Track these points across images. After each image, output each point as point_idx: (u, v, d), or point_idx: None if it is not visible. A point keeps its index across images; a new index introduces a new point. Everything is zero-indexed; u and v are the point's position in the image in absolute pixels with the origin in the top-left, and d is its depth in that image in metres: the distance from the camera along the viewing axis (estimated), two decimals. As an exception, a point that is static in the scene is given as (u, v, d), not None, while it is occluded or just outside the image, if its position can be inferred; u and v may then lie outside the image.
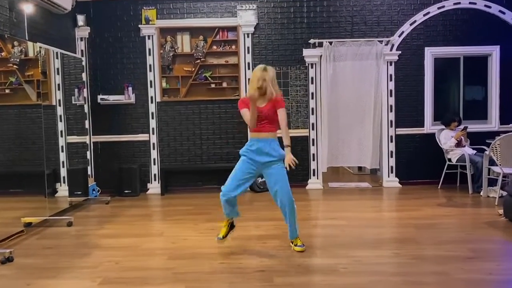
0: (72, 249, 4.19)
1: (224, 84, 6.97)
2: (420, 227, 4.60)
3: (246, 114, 3.85)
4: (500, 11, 6.84)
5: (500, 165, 5.53)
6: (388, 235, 4.49)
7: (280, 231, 4.46)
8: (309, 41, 6.85)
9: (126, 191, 6.71)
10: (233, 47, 6.94)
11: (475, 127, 6.83)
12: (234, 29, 6.90)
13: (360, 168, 8.36)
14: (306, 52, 6.86)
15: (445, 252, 3.79)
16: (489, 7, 6.84)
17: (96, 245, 4.27)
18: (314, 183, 6.99)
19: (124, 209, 5.80)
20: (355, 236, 4.33)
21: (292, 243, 3.97)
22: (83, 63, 6.80)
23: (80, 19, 6.72)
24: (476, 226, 4.60)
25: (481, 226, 4.60)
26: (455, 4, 6.82)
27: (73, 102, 6.65)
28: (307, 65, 6.90)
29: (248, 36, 6.90)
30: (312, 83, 6.91)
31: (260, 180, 6.76)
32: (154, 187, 6.94)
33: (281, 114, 3.85)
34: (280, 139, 3.88)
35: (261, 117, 3.81)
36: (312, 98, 6.93)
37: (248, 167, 3.89)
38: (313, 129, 6.95)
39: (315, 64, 6.89)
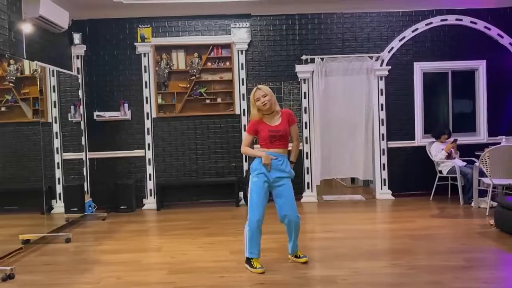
0: (72, 265, 4.22)
1: (219, 100, 7.08)
2: (415, 238, 4.70)
3: (247, 141, 3.93)
4: (485, 27, 7.07)
5: (490, 176, 5.68)
6: (384, 246, 4.58)
7: (278, 244, 4.53)
8: (301, 57, 7.00)
9: (122, 207, 6.73)
10: (227, 63, 7.06)
11: (464, 139, 7.00)
12: (228, 46, 7.04)
13: (353, 181, 8.49)
14: (298, 68, 7.01)
15: (440, 262, 3.89)
16: (475, 23, 7.07)
17: (96, 260, 4.30)
18: (309, 196, 7.08)
19: (121, 225, 5.83)
20: (352, 248, 4.42)
21: (295, 257, 4.03)
22: (79, 80, 6.86)
23: (76, 37, 6.80)
24: (469, 236, 4.71)
25: (474, 236, 4.72)
26: (442, 20, 7.04)
27: (69, 119, 6.69)
28: (299, 80, 7.05)
29: (242, 53, 7.03)
30: (304, 98, 7.05)
31: (255, 194, 6.82)
32: (150, 202, 6.97)
33: (295, 130, 4.02)
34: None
35: (277, 137, 3.81)
36: (305, 112, 7.06)
37: (266, 186, 3.83)
38: (306, 142, 7.07)
39: (308, 79, 7.04)
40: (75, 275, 3.90)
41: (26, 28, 5.43)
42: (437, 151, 6.71)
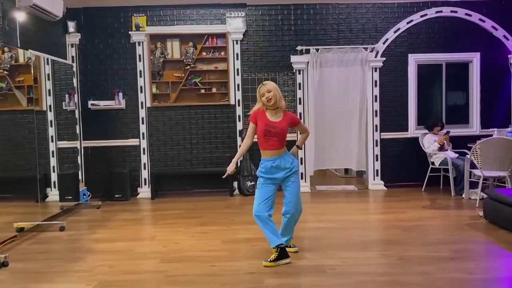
0: (65, 253, 4.27)
1: (214, 90, 7.09)
2: (405, 229, 4.77)
3: (250, 131, 3.89)
4: (480, 19, 7.08)
5: (481, 168, 5.74)
6: (375, 237, 4.65)
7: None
8: (296, 48, 7.00)
9: (116, 196, 6.77)
10: (222, 53, 7.06)
11: (457, 131, 7.06)
12: (223, 36, 7.03)
13: (346, 171, 8.55)
14: (293, 58, 7.02)
15: (429, 253, 3.96)
16: (470, 15, 7.07)
17: (89, 249, 4.35)
18: (303, 187, 7.03)
19: (115, 214, 5.88)
20: (343, 238, 4.48)
21: (286, 247, 4.07)
22: (74, 69, 6.85)
23: (71, 25, 6.78)
24: (459, 228, 4.78)
25: (463, 227, 4.79)
26: (437, 12, 7.04)
27: (63, 108, 6.70)
28: (294, 71, 7.06)
29: (237, 43, 7.02)
30: (299, 88, 7.07)
31: (249, 183, 6.89)
32: (144, 191, 7.01)
33: (302, 127, 4.14)
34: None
35: (272, 133, 3.77)
36: (300, 103, 7.08)
37: (269, 189, 3.85)
38: (300, 133, 7.08)
39: (303, 70, 7.05)
40: (68, 263, 3.95)
41: (20, 16, 5.40)
42: (429, 142, 6.76)
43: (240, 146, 6.74)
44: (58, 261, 4.00)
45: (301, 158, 7.11)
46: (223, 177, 4.01)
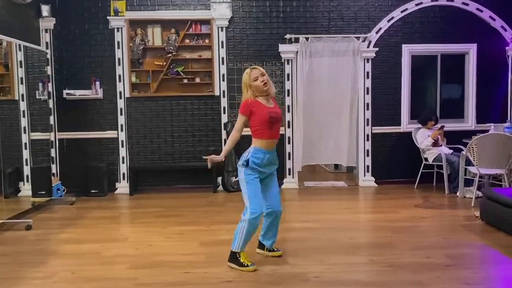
0: (27, 256, 3.90)
1: (197, 80, 6.71)
2: (396, 230, 4.45)
3: (239, 124, 3.40)
4: (477, 8, 6.76)
5: (477, 165, 5.44)
6: (364, 239, 4.33)
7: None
8: (285, 36, 6.64)
9: (92, 191, 6.41)
10: (207, 41, 6.68)
11: (451, 126, 6.76)
12: (207, 22, 6.64)
13: (336, 166, 8.23)
14: (282, 47, 6.65)
15: (422, 258, 3.65)
16: (467, 4, 6.75)
17: (54, 251, 3.99)
18: (290, 183, 6.81)
19: (89, 211, 5.51)
20: (330, 241, 4.16)
21: (268, 251, 3.74)
22: (48, 56, 6.45)
23: (45, 9, 6.35)
24: (453, 230, 4.48)
25: (458, 229, 4.49)
26: (433, 1, 6.71)
27: (37, 97, 6.32)
28: (283, 61, 6.69)
29: (222, 30, 6.64)
30: (288, 79, 6.72)
31: (234, 179, 6.55)
32: (123, 186, 6.64)
33: None
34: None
35: (277, 119, 3.43)
36: (288, 95, 6.73)
37: (259, 185, 3.44)
38: (288, 127, 6.76)
39: (291, 60, 6.70)
40: (26, 268, 3.58)
41: (-16, -3, 4.97)
42: (423, 137, 6.46)
43: (225, 140, 6.41)
44: (15, 266, 3.63)
45: (289, 153, 6.78)
46: (209, 167, 3.57)
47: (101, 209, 5.63)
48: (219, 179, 6.66)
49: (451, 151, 6.41)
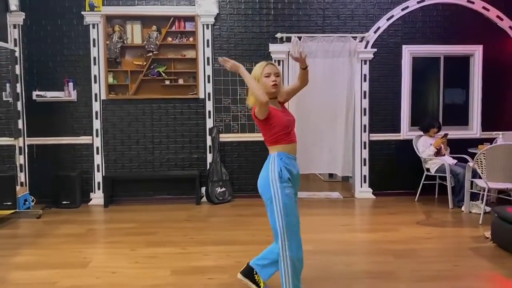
0: (-32, 286, 3.34)
1: (180, 81, 6.18)
2: (398, 254, 3.92)
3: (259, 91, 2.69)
4: (483, 7, 6.27)
5: (485, 179, 4.92)
6: (362, 265, 3.78)
7: (232, 261, 3.72)
8: (276, 35, 6.12)
9: (64, 202, 5.85)
10: (191, 39, 6.15)
11: (455, 133, 6.25)
12: (192, 19, 6.11)
13: (331, 175, 7.70)
14: (272, 47, 6.13)
15: (428, 293, 3.12)
16: (472, 2, 6.26)
17: (1, 280, 3.43)
18: (280, 194, 6.26)
19: (55, 226, 4.95)
20: (321, 269, 3.62)
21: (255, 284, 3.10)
22: (16, 54, 5.92)
23: (13, 3, 5.82)
24: (461, 254, 3.95)
25: (467, 253, 3.96)
26: (436, -2, 6.21)
27: (4, 99, 5.83)
28: (273, 61, 6.15)
29: (207, 28, 6.11)
30: (278, 82, 6.17)
31: (219, 190, 6.01)
32: (98, 197, 6.08)
33: (288, 86, 3.20)
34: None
35: (293, 123, 2.93)
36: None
37: (296, 206, 2.85)
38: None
39: (282, 60, 6.18)
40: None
41: None
42: (425, 146, 5.95)
43: (210, 147, 5.94)
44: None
45: (279, 161, 6.23)
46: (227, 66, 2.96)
47: (69, 224, 5.07)
48: (203, 189, 6.12)
49: (455, 161, 5.90)
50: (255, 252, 3.20)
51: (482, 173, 4.97)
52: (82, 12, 5.97)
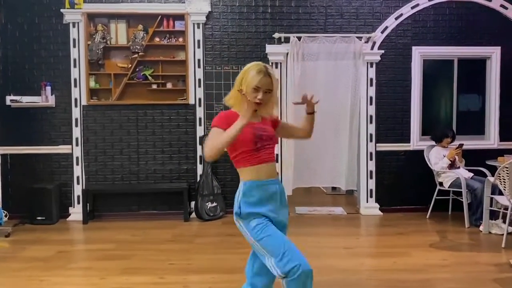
0: None
1: (169, 85, 5.66)
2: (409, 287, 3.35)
3: (220, 137, 2.17)
4: (501, 5, 5.74)
5: (509, 196, 4.34)
6: (366, 301, 3.22)
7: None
8: (273, 36, 5.60)
9: (38, 218, 5.32)
10: (180, 39, 5.64)
11: (470, 143, 5.69)
12: (181, 17, 5.60)
13: (334, 188, 7.12)
14: (269, 48, 5.61)
15: None
16: (489, 0, 5.71)
17: None
18: (277, 209, 5.70)
19: (23, 247, 4.42)
20: (320, 305, 3.05)
21: None
22: (-11, 55, 5.42)
23: (-14, -1, 5.32)
24: (483, 285, 3.37)
25: (490, 284, 3.38)
26: (449, -5, 5.68)
27: (-25, 104, 5.30)
28: (270, 64, 5.62)
29: (198, 27, 5.61)
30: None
31: (209, 205, 5.46)
32: (77, 212, 5.54)
33: (290, 124, 2.68)
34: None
35: (265, 138, 2.31)
36: (276, 104, 5.64)
37: (274, 228, 2.22)
38: (276, 143, 5.65)
39: (280, 63, 5.65)
40: None
41: None
42: (437, 157, 5.38)
43: (201, 157, 5.41)
44: None
45: (277, 173, 5.67)
46: None
47: (39, 244, 4.53)
48: (193, 203, 5.57)
49: (471, 174, 5.33)
50: (241, 283, 2.62)
51: (504, 189, 4.38)
52: (62, 10, 5.48)
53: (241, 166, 2.29)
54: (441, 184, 5.41)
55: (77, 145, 5.59)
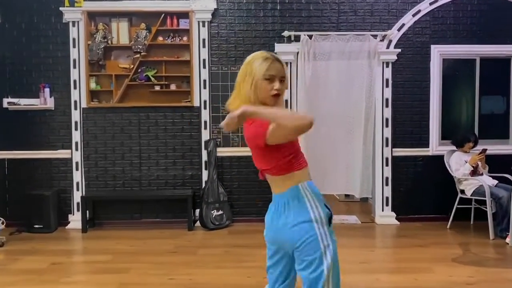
0: None
1: (173, 87, 5.40)
2: (433, 310, 3.01)
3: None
4: (527, 1, 5.37)
5: (539, 206, 3.97)
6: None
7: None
8: (282, 34, 5.32)
9: (36, 226, 5.08)
10: (185, 38, 5.39)
11: (494, 148, 5.32)
12: (186, 15, 5.34)
13: (348, 195, 6.78)
14: (278, 47, 5.31)
15: None
16: (514, -5, 5.36)
17: None
18: (287, 218, 5.39)
19: (16, 258, 4.17)
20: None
21: None
22: (-14, 55, 5.22)
23: (-17, -3, 5.11)
24: (517, 309, 3.02)
25: (525, 309, 3.03)
26: (470, -10, 5.34)
27: (-28, 107, 5.09)
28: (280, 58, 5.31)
29: (204, 25, 5.34)
30: (286, 87, 5.32)
31: (215, 213, 5.17)
32: (77, 220, 5.29)
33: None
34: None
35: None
36: (286, 106, 5.34)
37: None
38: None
39: (290, 63, 5.35)
40: None
41: None
42: (459, 163, 5.03)
43: (206, 162, 5.14)
44: None
45: (286, 180, 5.36)
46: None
47: (33, 255, 4.28)
48: (197, 211, 5.28)
49: (496, 181, 4.98)
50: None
51: (535, 199, 4.01)
52: (61, 8, 5.25)
53: (295, 170, 1.91)
54: (462, 192, 5.05)
55: (76, 149, 5.34)
